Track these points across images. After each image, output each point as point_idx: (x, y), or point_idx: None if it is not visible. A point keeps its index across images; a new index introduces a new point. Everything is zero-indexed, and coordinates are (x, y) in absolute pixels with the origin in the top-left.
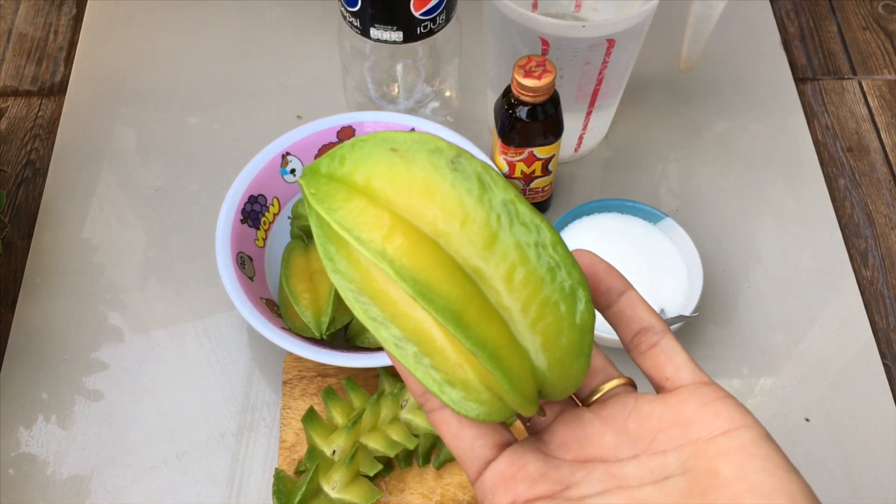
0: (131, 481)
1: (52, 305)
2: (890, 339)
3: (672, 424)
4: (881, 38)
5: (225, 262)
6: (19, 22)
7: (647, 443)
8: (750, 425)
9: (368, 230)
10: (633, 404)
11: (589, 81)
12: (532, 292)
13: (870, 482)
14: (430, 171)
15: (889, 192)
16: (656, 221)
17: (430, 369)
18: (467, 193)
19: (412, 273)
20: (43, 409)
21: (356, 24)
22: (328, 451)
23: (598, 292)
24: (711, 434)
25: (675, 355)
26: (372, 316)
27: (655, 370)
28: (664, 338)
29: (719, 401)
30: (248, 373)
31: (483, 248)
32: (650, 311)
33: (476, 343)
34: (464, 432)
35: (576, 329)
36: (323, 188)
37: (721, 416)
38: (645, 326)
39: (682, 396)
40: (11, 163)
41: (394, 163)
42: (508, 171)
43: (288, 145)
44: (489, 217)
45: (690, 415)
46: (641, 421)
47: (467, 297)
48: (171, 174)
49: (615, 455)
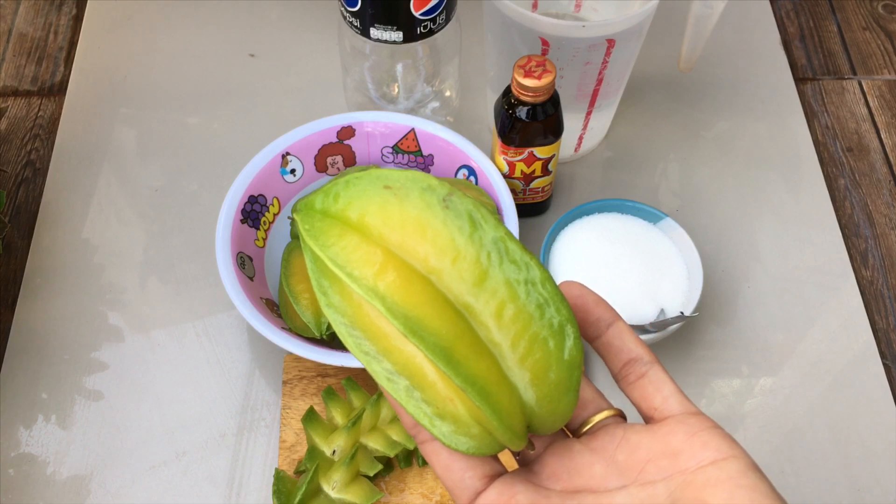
0: (131, 481)
1: (52, 305)
2: (890, 339)
3: (660, 455)
4: (881, 38)
5: (225, 262)
6: (19, 22)
7: (636, 473)
8: (737, 455)
9: (361, 267)
10: (621, 435)
11: (589, 81)
12: (521, 328)
13: (870, 482)
14: (423, 208)
15: (889, 192)
16: (656, 221)
17: (421, 403)
18: (458, 231)
19: (403, 310)
20: (43, 409)
21: (356, 24)
22: (328, 451)
23: (587, 323)
24: (699, 464)
25: (663, 386)
26: (364, 350)
27: (644, 400)
28: (652, 368)
29: (707, 431)
30: (248, 373)
31: (473, 284)
32: (638, 342)
33: (465, 380)
34: (454, 464)
35: (564, 365)
36: (317, 224)
37: (709, 447)
38: (633, 357)
39: (670, 427)
40: (11, 163)
41: (387, 200)
42: (508, 171)
43: (288, 145)
44: (479, 254)
45: (678, 445)
46: (630, 451)
47: (457, 334)
48: (171, 174)
49: (604, 485)
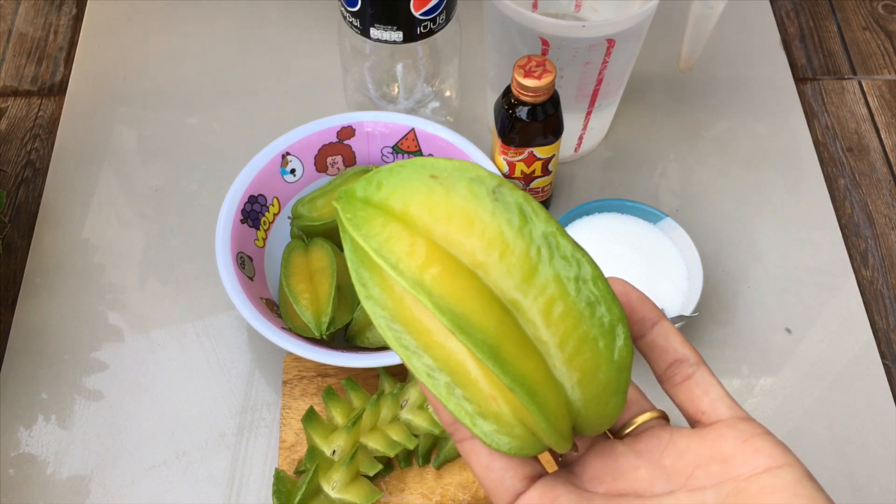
0: (131, 481)
1: (52, 305)
2: (890, 339)
3: (710, 460)
4: (881, 38)
5: (225, 262)
6: (19, 22)
7: (685, 478)
8: (792, 464)
9: (405, 259)
10: (668, 438)
11: (589, 81)
12: (570, 327)
13: (870, 482)
14: (470, 199)
15: (889, 192)
16: (656, 221)
17: (463, 400)
18: (507, 224)
19: (450, 305)
20: (43, 409)
21: (356, 24)
22: (328, 451)
23: (630, 321)
24: (753, 472)
25: (712, 388)
26: (404, 344)
27: (690, 403)
28: (699, 370)
29: (759, 437)
30: (248, 373)
31: (522, 280)
32: (684, 342)
33: (514, 379)
34: (494, 463)
35: (613, 366)
36: (359, 213)
37: (762, 454)
38: (679, 358)
39: (719, 431)
40: (11, 163)
41: (433, 190)
42: (508, 171)
43: (288, 145)
44: (529, 249)
45: (729, 451)
46: (677, 456)
47: (505, 331)
48: (171, 174)
49: (650, 490)
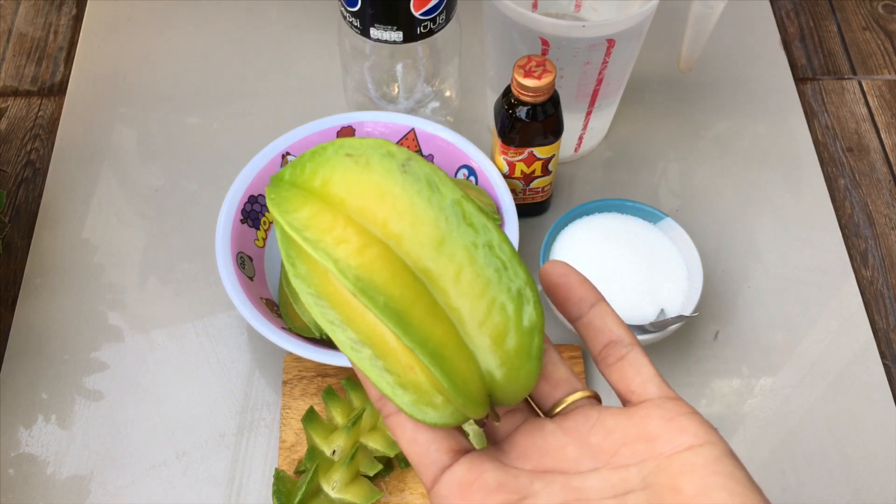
0: (131, 481)
1: (52, 305)
2: (890, 339)
3: (636, 439)
4: (881, 38)
5: (225, 262)
6: (19, 22)
7: (609, 456)
8: (714, 442)
9: (320, 233)
10: (596, 417)
11: (589, 81)
12: (479, 292)
13: (870, 482)
14: (383, 174)
15: (889, 192)
16: (656, 221)
17: (384, 372)
18: (417, 195)
19: (356, 272)
20: (43, 409)
21: (356, 24)
22: (328, 451)
23: (569, 302)
24: (675, 450)
25: (643, 369)
26: (329, 319)
27: (622, 383)
28: (632, 351)
29: (684, 416)
30: (248, 373)
31: (432, 249)
32: (620, 324)
33: (415, 340)
34: (419, 436)
35: (524, 331)
36: (283, 194)
37: (686, 433)
38: (614, 339)
39: (646, 411)
40: (11, 163)
41: (349, 168)
42: (508, 171)
43: (288, 145)
44: (438, 218)
45: (655, 430)
46: (605, 434)
47: (413, 298)
48: (171, 174)
49: (576, 467)
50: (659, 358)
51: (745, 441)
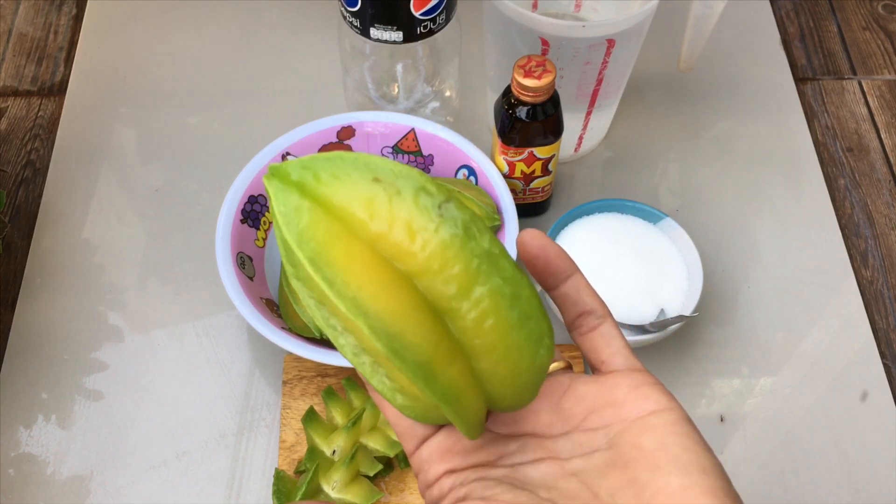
0: (131, 481)
1: (52, 305)
2: (890, 339)
3: (604, 405)
4: (881, 38)
5: (225, 262)
6: (19, 22)
7: (580, 420)
8: (673, 408)
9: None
10: (568, 384)
11: (589, 81)
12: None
13: (870, 482)
14: (414, 210)
15: (889, 192)
16: (656, 221)
17: (385, 378)
18: (451, 237)
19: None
20: (43, 409)
21: (356, 24)
22: (328, 451)
23: (546, 273)
24: (639, 414)
25: (613, 340)
26: (332, 325)
27: (593, 352)
28: (604, 323)
29: (648, 386)
30: (248, 373)
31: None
32: (594, 295)
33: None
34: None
35: (534, 370)
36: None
37: (649, 399)
38: (587, 310)
39: (615, 380)
40: (11, 163)
41: (376, 194)
42: (508, 171)
43: (288, 145)
44: (470, 262)
45: (621, 397)
46: (576, 401)
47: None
48: (171, 174)
49: (549, 431)
50: (659, 358)
51: (745, 441)
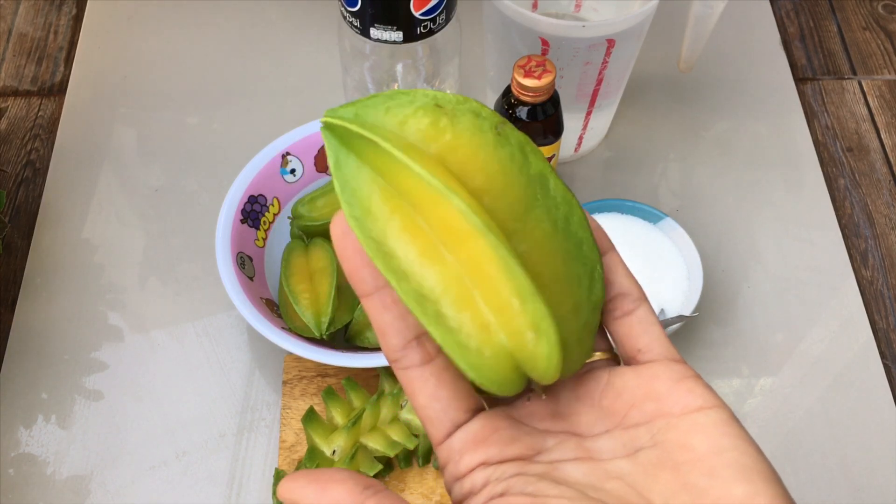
0: (131, 481)
1: (52, 305)
2: (890, 339)
3: (644, 399)
4: (881, 38)
5: (225, 262)
6: (19, 22)
7: (620, 417)
8: (721, 406)
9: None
10: (606, 379)
11: (589, 81)
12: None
13: (870, 482)
14: (475, 132)
15: (889, 192)
16: (656, 221)
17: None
18: (510, 159)
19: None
20: (43, 409)
21: (356, 24)
22: (328, 451)
23: None
24: (684, 410)
25: (651, 327)
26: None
27: (629, 339)
28: (641, 307)
29: (691, 379)
30: (248, 373)
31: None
32: (630, 276)
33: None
34: (441, 392)
35: (593, 306)
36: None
37: (694, 394)
38: (623, 291)
39: (654, 371)
40: (11, 163)
41: (439, 117)
42: None
43: (288, 145)
44: (528, 185)
45: (663, 390)
46: (615, 396)
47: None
48: (171, 174)
49: (589, 431)
50: None
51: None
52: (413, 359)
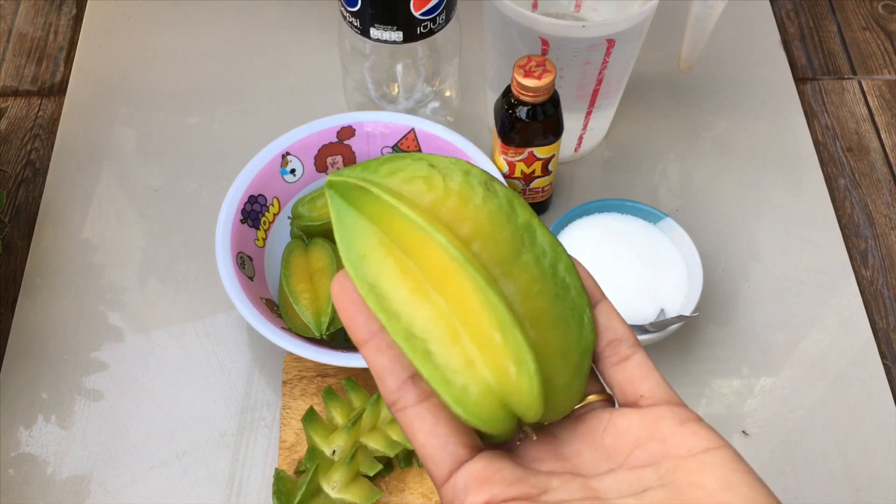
0: (131, 481)
1: (52, 305)
2: (890, 339)
3: (649, 440)
4: (881, 38)
5: (225, 262)
6: (19, 22)
7: (624, 457)
8: (727, 446)
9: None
10: (608, 419)
11: (589, 81)
12: (546, 305)
13: (870, 482)
14: (464, 185)
15: (889, 192)
16: (656, 221)
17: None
18: (498, 210)
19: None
20: (43, 409)
21: (356, 24)
22: (328, 451)
23: None
24: (690, 452)
25: (651, 372)
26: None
27: (629, 384)
28: (638, 352)
29: (695, 422)
30: (248, 373)
31: (508, 257)
32: (624, 323)
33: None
34: (440, 429)
35: (580, 348)
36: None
37: (699, 436)
38: (618, 337)
39: (657, 413)
40: (11, 163)
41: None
42: (508, 171)
43: (288, 145)
44: (515, 233)
45: (668, 432)
46: (617, 436)
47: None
48: (171, 174)
49: (592, 470)
50: (659, 358)
51: (745, 441)
52: (409, 398)
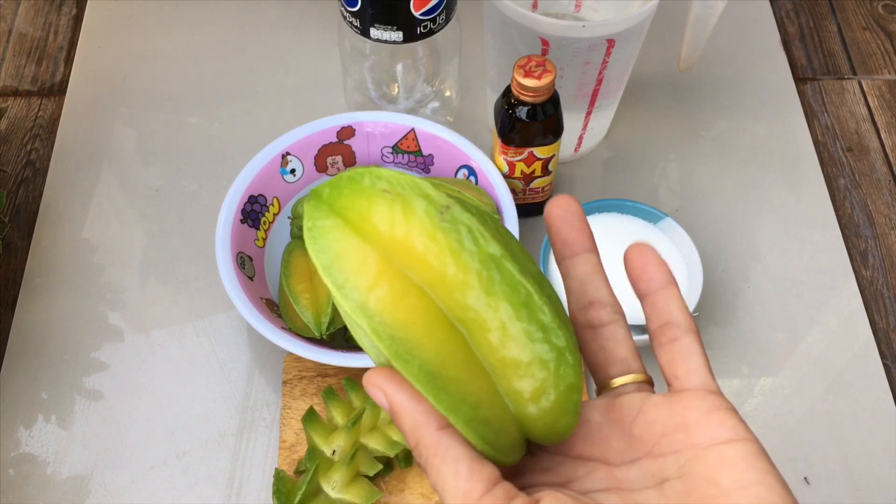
0: (131, 481)
1: (52, 305)
2: (890, 339)
3: (675, 429)
4: (881, 38)
5: (225, 262)
6: (19, 22)
7: (650, 447)
8: (751, 439)
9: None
10: (639, 407)
11: (589, 81)
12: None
13: (870, 482)
14: (421, 216)
15: (889, 192)
16: (656, 221)
17: None
18: (458, 243)
19: (390, 331)
20: (43, 409)
21: (356, 24)
22: (328, 451)
23: (641, 281)
24: (712, 442)
25: (692, 356)
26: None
27: (669, 366)
28: (686, 336)
29: (723, 411)
30: (248, 373)
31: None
32: (683, 308)
33: (448, 408)
34: None
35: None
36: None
37: (724, 426)
38: (671, 320)
39: (687, 401)
40: (11, 163)
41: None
42: (508, 171)
43: (288, 145)
44: (481, 270)
45: (693, 421)
46: (646, 425)
47: (449, 354)
48: (171, 174)
49: (619, 459)
50: None
51: None
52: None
